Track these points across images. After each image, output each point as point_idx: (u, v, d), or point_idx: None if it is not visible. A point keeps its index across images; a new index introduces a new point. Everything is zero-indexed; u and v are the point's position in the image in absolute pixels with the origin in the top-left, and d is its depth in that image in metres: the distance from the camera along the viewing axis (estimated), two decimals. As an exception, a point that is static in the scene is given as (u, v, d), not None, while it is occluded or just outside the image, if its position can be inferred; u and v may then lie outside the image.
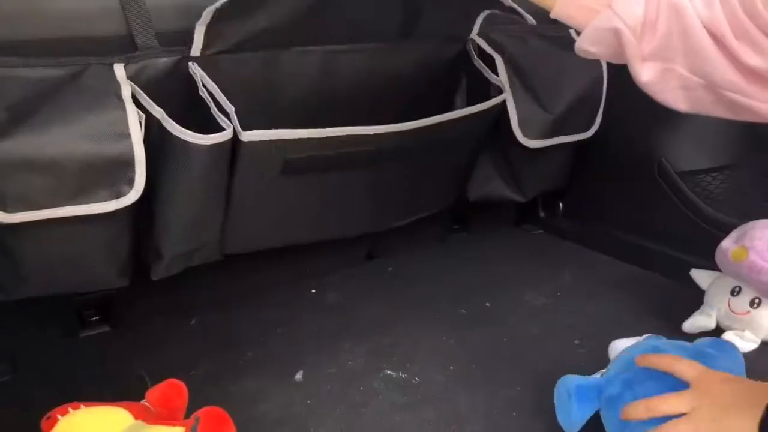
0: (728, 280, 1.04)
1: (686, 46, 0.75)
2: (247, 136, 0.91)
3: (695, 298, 1.11)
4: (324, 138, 0.99)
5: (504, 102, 1.16)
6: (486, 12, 1.16)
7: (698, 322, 1.06)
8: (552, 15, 0.84)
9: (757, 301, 1.01)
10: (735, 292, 1.03)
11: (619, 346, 0.93)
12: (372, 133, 1.03)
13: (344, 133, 1.01)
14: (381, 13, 1.04)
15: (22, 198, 0.80)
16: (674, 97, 0.79)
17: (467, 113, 1.12)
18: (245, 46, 0.96)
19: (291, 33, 0.98)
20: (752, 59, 0.71)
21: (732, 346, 0.86)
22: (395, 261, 1.39)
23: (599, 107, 1.25)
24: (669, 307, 1.16)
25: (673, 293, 1.21)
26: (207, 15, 0.87)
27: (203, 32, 0.89)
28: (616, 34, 0.78)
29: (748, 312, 1.01)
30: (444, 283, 1.30)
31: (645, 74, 0.78)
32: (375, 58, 1.07)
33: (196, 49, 0.91)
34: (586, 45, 0.82)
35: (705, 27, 0.74)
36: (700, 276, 1.10)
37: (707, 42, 0.74)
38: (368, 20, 1.05)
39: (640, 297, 1.22)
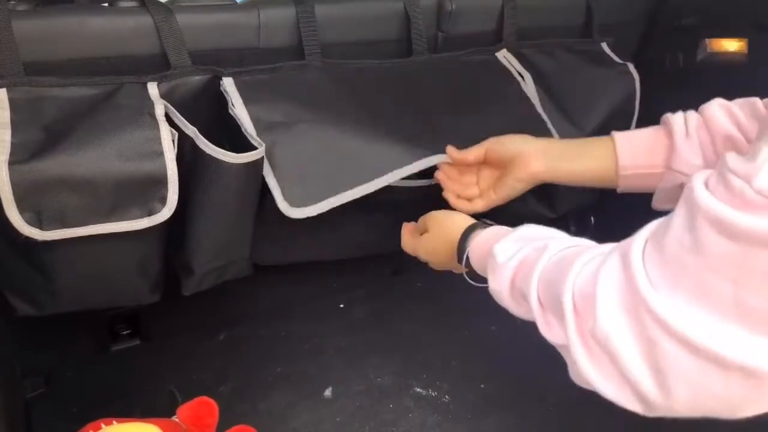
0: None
1: None
2: None
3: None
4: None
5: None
6: None
7: None
8: (619, 191, 0.90)
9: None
10: None
11: None
12: (404, 186, 1.02)
13: (378, 186, 0.97)
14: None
15: (57, 216, 0.80)
16: None
17: None
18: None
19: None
20: None
21: None
22: (423, 276, 1.39)
23: (632, 122, 1.23)
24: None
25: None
26: None
27: None
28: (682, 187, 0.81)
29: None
30: (473, 300, 1.28)
31: None
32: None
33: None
34: (662, 205, 0.87)
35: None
36: None
37: None
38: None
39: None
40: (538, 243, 0.67)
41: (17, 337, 1.01)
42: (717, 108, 0.81)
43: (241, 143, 0.89)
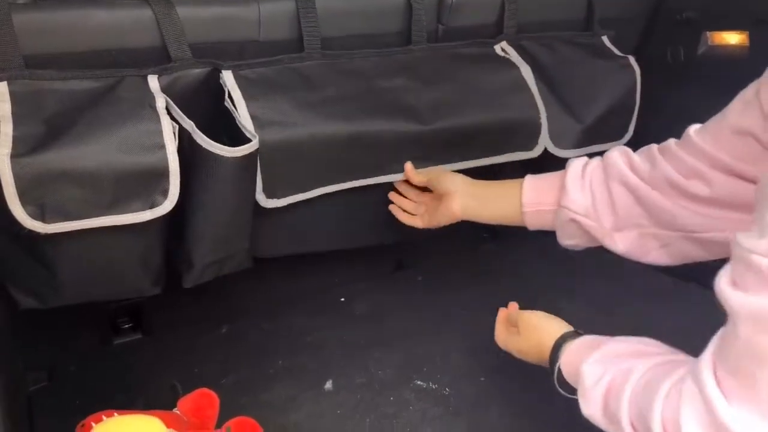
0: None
1: (647, 210, 0.82)
2: None
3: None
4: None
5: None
6: None
7: None
8: (529, 228, 0.97)
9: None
10: None
11: None
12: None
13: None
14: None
15: (60, 209, 0.81)
16: (658, 256, 0.86)
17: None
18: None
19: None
20: (702, 190, 0.76)
21: None
22: (425, 270, 1.39)
23: (633, 115, 1.23)
24: (710, 319, 1.13)
25: (713, 304, 1.19)
26: None
27: None
28: (575, 223, 0.89)
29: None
30: (475, 294, 1.29)
31: (620, 245, 0.87)
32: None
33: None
34: (564, 241, 0.94)
35: (649, 184, 0.82)
36: None
37: (658, 197, 0.80)
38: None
39: (678, 308, 1.19)
40: (624, 365, 0.67)
41: (20, 332, 1.01)
42: (617, 153, 0.89)
43: (239, 135, 0.89)
